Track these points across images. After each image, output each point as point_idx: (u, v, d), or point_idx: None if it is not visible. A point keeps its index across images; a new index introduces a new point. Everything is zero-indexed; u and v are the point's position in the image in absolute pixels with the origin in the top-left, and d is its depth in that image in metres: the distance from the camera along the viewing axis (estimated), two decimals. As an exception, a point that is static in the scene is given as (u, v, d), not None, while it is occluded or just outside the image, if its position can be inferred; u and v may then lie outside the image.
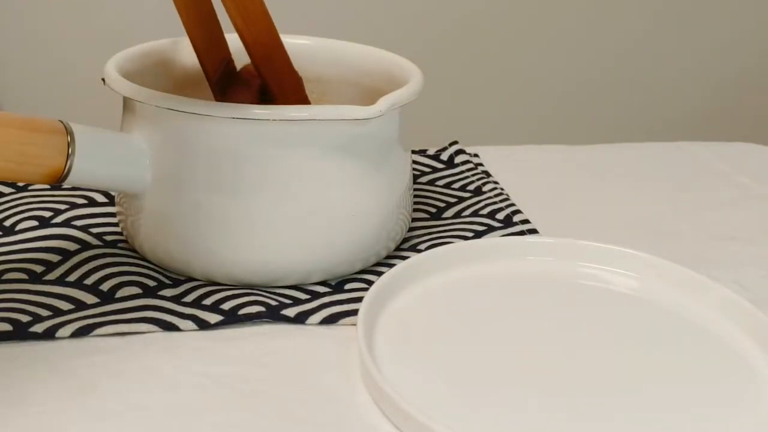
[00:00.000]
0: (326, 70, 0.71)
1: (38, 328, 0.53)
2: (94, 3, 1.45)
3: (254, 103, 0.63)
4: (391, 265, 0.60)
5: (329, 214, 0.58)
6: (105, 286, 0.58)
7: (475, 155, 0.83)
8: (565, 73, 1.67)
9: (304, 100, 0.66)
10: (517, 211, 0.71)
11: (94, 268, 0.60)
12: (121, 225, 0.63)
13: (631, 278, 0.61)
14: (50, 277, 0.59)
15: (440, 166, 0.80)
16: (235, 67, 0.66)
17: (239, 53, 0.65)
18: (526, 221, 0.70)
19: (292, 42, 0.71)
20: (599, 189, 0.81)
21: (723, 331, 0.56)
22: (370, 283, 0.59)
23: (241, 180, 0.56)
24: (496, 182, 0.77)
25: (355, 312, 0.55)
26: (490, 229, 0.69)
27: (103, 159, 0.55)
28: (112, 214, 0.67)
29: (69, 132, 0.53)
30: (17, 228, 0.65)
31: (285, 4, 1.22)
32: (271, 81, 0.63)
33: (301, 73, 0.70)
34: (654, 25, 1.67)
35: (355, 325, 0.53)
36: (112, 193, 0.69)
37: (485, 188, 0.76)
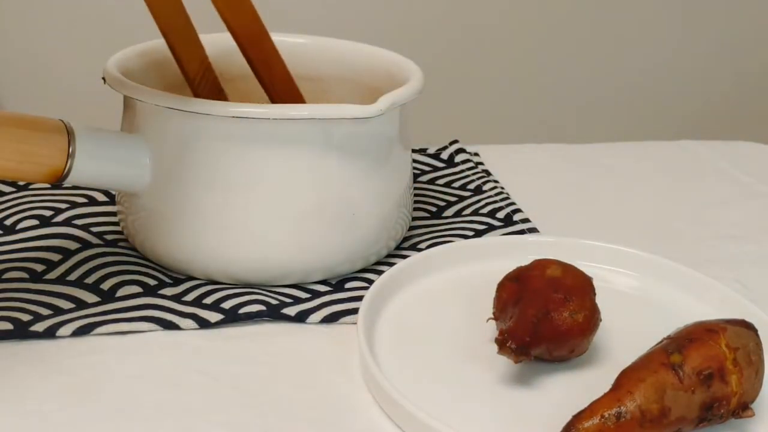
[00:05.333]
0: (327, 69, 0.71)
1: (39, 327, 0.53)
2: (94, 3, 1.45)
3: None
4: (391, 264, 0.60)
5: (329, 213, 0.58)
6: (105, 285, 0.58)
7: (476, 154, 0.83)
8: (565, 72, 1.67)
9: (294, 90, 0.67)
10: (518, 210, 0.71)
11: (94, 267, 0.60)
12: (121, 224, 0.63)
13: (632, 277, 0.61)
14: (51, 276, 0.59)
15: (440, 164, 0.80)
16: (215, 75, 0.66)
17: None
18: (526, 220, 0.70)
19: (294, 41, 0.71)
20: (600, 188, 0.81)
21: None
22: (370, 281, 0.59)
23: (241, 179, 0.56)
24: (496, 181, 0.77)
25: (355, 311, 0.55)
26: (491, 228, 0.69)
27: (103, 158, 0.55)
28: (113, 213, 0.67)
29: (69, 131, 0.53)
30: (18, 227, 0.65)
31: (285, 4, 1.22)
32: (261, 68, 0.64)
33: (301, 72, 0.70)
34: (655, 24, 1.67)
35: (355, 323, 0.53)
36: (113, 192, 0.69)
37: (485, 187, 0.76)
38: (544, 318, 0.49)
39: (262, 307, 0.56)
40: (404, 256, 0.62)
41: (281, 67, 0.66)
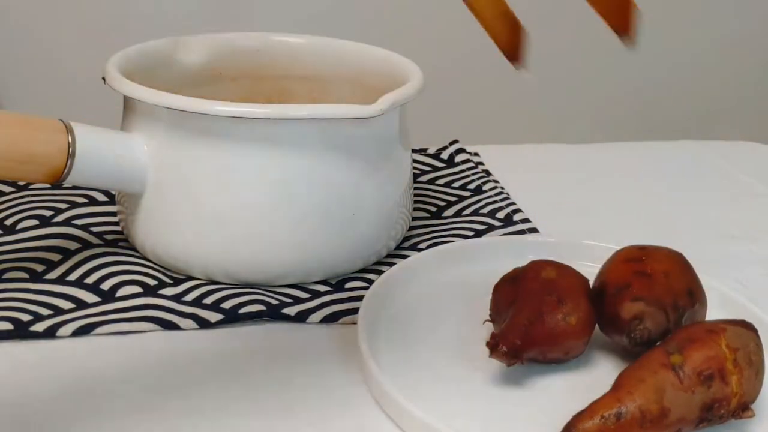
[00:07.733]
0: (326, 69, 0.71)
1: (39, 327, 0.53)
2: (94, 3, 1.45)
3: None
4: (391, 264, 0.60)
5: (330, 213, 0.58)
6: (106, 285, 0.58)
7: (476, 154, 0.83)
8: (565, 72, 1.67)
9: None
10: (518, 210, 0.71)
11: (94, 267, 0.60)
12: (121, 224, 0.63)
13: (632, 277, 0.61)
14: (51, 276, 0.59)
15: (440, 165, 0.80)
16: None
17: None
18: (526, 220, 0.70)
19: (294, 41, 0.71)
20: (599, 188, 0.81)
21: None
22: (370, 281, 0.59)
23: (241, 179, 0.56)
24: (496, 181, 0.77)
25: (355, 311, 0.55)
26: (491, 228, 0.69)
27: (103, 158, 0.55)
28: (113, 213, 0.67)
29: (69, 131, 0.53)
30: (18, 227, 0.65)
31: (285, 4, 1.22)
32: None
33: (301, 71, 0.70)
34: (654, 24, 1.67)
35: (355, 323, 0.53)
36: (113, 192, 0.69)
37: (485, 187, 0.76)
38: (536, 321, 0.49)
39: (262, 307, 0.56)
40: (404, 256, 0.62)
41: None
